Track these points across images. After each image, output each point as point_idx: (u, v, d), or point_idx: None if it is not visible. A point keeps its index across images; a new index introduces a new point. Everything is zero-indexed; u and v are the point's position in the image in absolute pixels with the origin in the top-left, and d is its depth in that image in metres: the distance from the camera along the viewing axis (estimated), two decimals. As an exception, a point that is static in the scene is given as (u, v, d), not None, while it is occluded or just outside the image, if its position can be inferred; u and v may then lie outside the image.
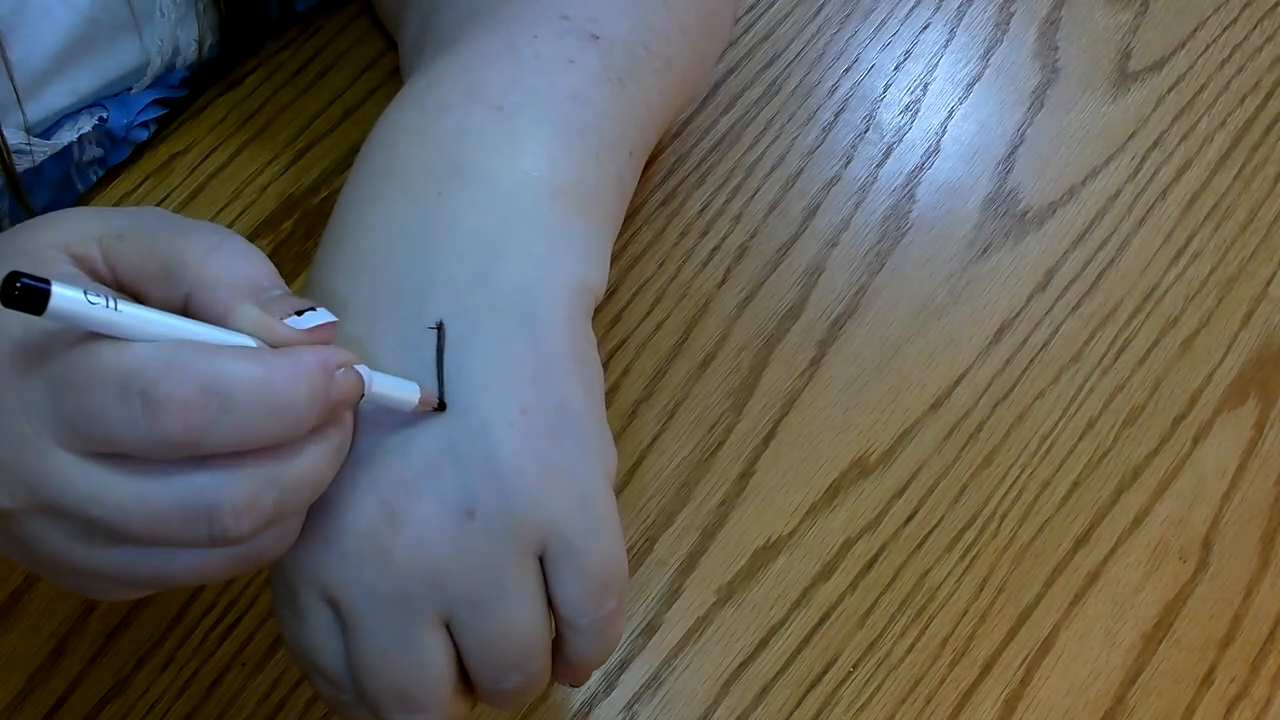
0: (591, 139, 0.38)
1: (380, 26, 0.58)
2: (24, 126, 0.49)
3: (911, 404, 0.51)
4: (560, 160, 0.37)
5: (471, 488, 0.33)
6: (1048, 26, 0.60)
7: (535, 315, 0.34)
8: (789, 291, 0.53)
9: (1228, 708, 0.46)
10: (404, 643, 0.34)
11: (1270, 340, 0.53)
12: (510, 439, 0.33)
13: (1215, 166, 0.57)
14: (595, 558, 0.34)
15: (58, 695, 0.44)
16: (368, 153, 0.38)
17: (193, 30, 0.53)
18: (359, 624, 0.34)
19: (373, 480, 0.33)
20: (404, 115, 0.38)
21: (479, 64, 0.39)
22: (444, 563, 0.33)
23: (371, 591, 0.33)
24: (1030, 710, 0.45)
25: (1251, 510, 0.49)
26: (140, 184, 0.54)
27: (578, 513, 0.34)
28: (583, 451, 0.34)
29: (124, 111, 0.52)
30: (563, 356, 0.34)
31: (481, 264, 0.35)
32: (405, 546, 0.33)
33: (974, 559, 0.48)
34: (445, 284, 0.35)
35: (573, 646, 0.36)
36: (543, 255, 0.35)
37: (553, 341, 0.34)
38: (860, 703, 0.45)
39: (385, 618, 0.33)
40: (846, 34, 0.59)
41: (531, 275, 0.35)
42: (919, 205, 0.55)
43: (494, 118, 0.37)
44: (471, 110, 0.37)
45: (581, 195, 0.37)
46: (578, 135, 0.38)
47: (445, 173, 0.36)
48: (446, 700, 0.35)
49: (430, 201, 0.36)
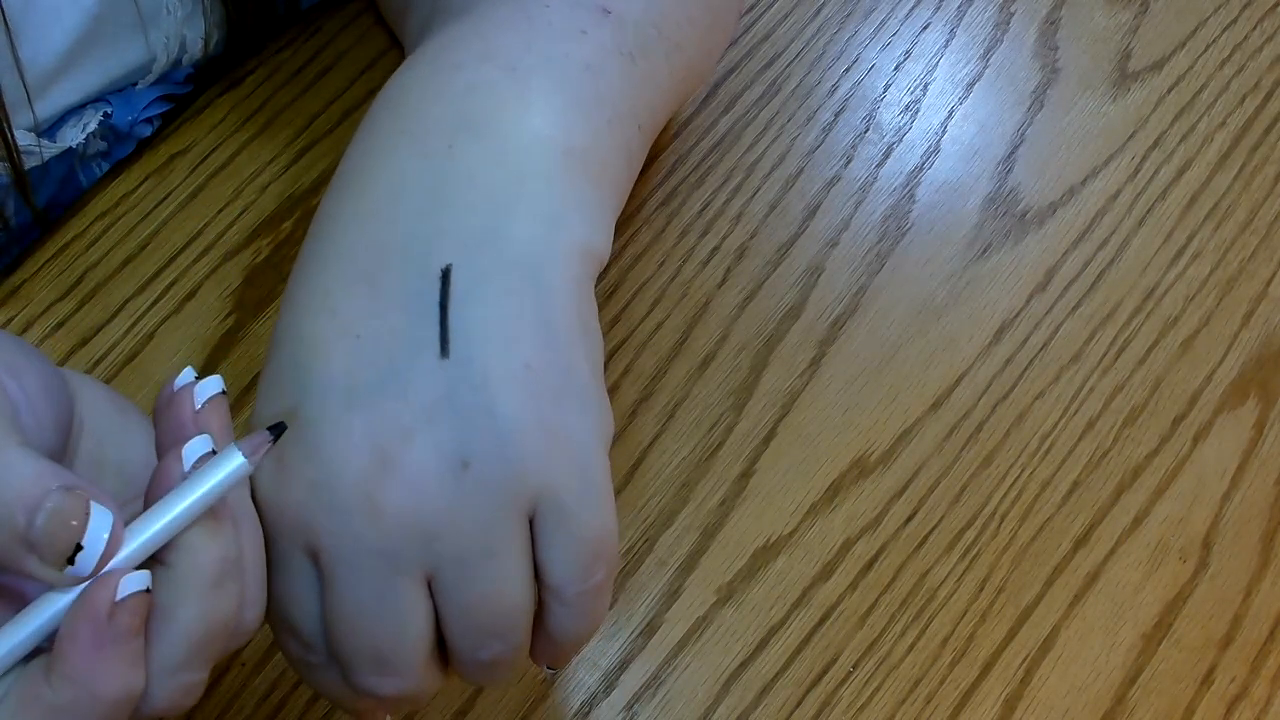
0: (604, 108, 0.38)
1: (381, 26, 0.58)
2: (33, 126, 0.49)
3: (911, 404, 0.51)
4: (573, 124, 0.37)
5: (469, 440, 0.32)
6: (1048, 26, 0.60)
7: (543, 273, 0.34)
8: (789, 291, 0.53)
9: (1228, 708, 0.46)
10: (385, 599, 0.32)
11: (1270, 340, 0.53)
12: (512, 394, 0.33)
13: (1215, 166, 0.57)
14: (588, 524, 0.33)
15: (58, 695, 0.44)
16: (376, 109, 0.38)
17: (199, 27, 0.53)
18: (340, 576, 0.33)
19: (367, 424, 0.32)
20: (415, 73, 0.38)
21: (492, 30, 0.38)
22: (435, 515, 0.32)
23: (357, 542, 0.32)
24: (1030, 710, 0.45)
25: (1251, 510, 0.49)
26: (140, 184, 0.54)
27: (574, 475, 0.33)
28: (583, 415, 0.34)
29: (129, 108, 0.52)
30: (569, 317, 0.34)
31: (491, 218, 0.34)
32: (396, 495, 0.32)
33: (974, 559, 0.48)
34: (454, 235, 0.34)
35: (556, 619, 0.35)
36: (553, 214, 0.35)
37: (560, 301, 0.34)
38: (860, 703, 0.45)
39: (368, 571, 0.32)
40: (846, 34, 0.59)
41: (541, 233, 0.34)
42: (919, 205, 0.55)
43: (508, 78, 0.37)
44: (484, 69, 0.37)
45: (591, 161, 0.37)
46: (591, 102, 0.38)
47: (457, 127, 0.36)
48: (421, 664, 0.34)
49: (441, 155, 0.35)
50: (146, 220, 0.53)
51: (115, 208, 0.53)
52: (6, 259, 0.52)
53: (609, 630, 0.46)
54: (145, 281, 0.51)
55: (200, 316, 0.51)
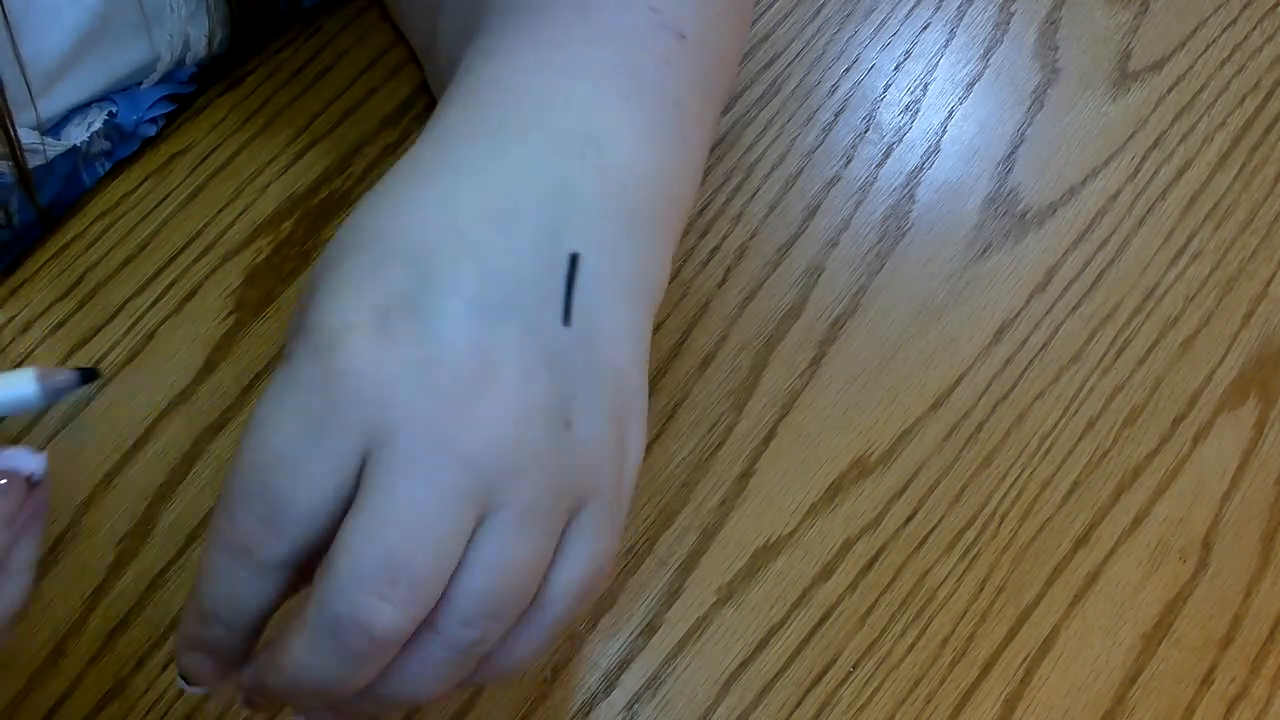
0: (694, 155, 0.40)
1: (382, 25, 0.58)
2: (36, 124, 0.49)
3: (911, 404, 0.51)
4: (670, 169, 0.38)
5: (579, 406, 0.32)
6: (1048, 26, 0.60)
7: (645, 300, 0.35)
8: (789, 291, 0.53)
9: (1228, 708, 0.46)
10: (438, 508, 0.30)
11: (1270, 340, 0.53)
12: (632, 375, 0.34)
13: (1215, 166, 0.57)
14: (610, 542, 0.33)
15: (58, 695, 0.44)
16: (478, 103, 0.37)
17: (203, 26, 0.53)
18: (401, 470, 0.30)
19: (488, 337, 0.31)
20: (522, 78, 0.37)
21: (594, 47, 0.38)
22: (529, 455, 0.31)
23: (438, 441, 0.30)
24: (1030, 710, 0.45)
25: (1251, 510, 0.49)
26: (141, 183, 0.54)
27: (622, 486, 0.33)
28: (640, 436, 0.34)
29: (133, 107, 0.52)
30: (647, 344, 0.35)
31: (614, 237, 0.35)
32: (498, 413, 0.30)
33: (974, 559, 0.48)
34: (583, 231, 0.34)
35: (521, 634, 0.33)
36: (654, 251, 0.36)
37: (649, 325, 0.35)
38: (860, 703, 0.45)
39: (435, 472, 0.30)
40: (846, 34, 0.59)
41: (650, 263, 0.36)
42: (919, 205, 0.55)
43: (623, 106, 0.37)
44: (599, 92, 0.37)
45: (675, 206, 0.38)
46: (682, 147, 0.39)
47: (581, 139, 0.36)
48: (427, 597, 0.30)
49: (573, 156, 0.35)
50: (146, 220, 0.53)
51: (115, 208, 0.53)
52: (9, 258, 0.53)
53: (609, 630, 0.46)
54: (145, 281, 0.51)
55: (200, 316, 0.51)
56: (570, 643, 0.46)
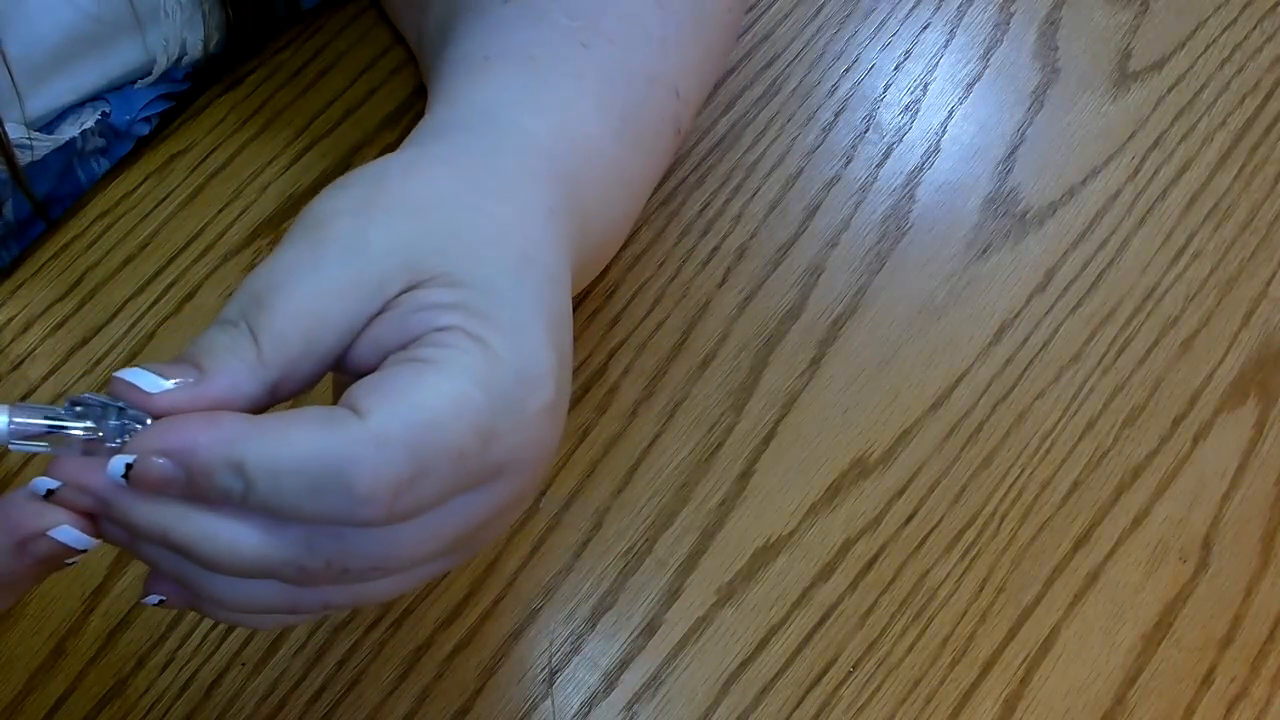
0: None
1: (382, 26, 0.58)
2: (23, 120, 0.49)
3: (911, 404, 0.51)
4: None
5: (563, 393, 0.33)
6: (1048, 26, 0.60)
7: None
8: (789, 291, 0.53)
9: (1228, 708, 0.46)
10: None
11: (1270, 340, 0.53)
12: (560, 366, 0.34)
13: (1215, 166, 0.57)
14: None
15: (58, 695, 0.44)
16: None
17: (199, 30, 0.53)
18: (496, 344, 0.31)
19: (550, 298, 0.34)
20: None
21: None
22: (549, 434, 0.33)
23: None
24: (1030, 710, 0.45)
25: (1251, 510, 0.49)
26: (141, 184, 0.54)
27: None
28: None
29: (127, 107, 0.52)
30: None
31: None
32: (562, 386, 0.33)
33: (974, 559, 0.48)
34: None
35: None
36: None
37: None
38: (860, 703, 0.45)
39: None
40: (846, 34, 0.59)
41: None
42: (919, 205, 0.55)
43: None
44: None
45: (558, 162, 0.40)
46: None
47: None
48: (437, 499, 0.30)
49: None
50: (146, 220, 0.53)
51: (115, 208, 0.53)
52: (6, 254, 0.53)
53: (609, 630, 0.46)
54: (145, 281, 0.51)
55: (200, 316, 0.51)
56: (570, 642, 0.46)
